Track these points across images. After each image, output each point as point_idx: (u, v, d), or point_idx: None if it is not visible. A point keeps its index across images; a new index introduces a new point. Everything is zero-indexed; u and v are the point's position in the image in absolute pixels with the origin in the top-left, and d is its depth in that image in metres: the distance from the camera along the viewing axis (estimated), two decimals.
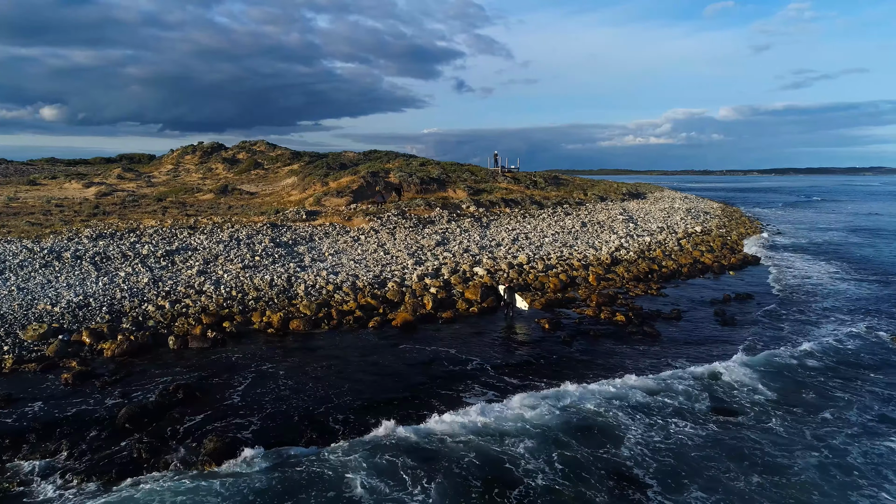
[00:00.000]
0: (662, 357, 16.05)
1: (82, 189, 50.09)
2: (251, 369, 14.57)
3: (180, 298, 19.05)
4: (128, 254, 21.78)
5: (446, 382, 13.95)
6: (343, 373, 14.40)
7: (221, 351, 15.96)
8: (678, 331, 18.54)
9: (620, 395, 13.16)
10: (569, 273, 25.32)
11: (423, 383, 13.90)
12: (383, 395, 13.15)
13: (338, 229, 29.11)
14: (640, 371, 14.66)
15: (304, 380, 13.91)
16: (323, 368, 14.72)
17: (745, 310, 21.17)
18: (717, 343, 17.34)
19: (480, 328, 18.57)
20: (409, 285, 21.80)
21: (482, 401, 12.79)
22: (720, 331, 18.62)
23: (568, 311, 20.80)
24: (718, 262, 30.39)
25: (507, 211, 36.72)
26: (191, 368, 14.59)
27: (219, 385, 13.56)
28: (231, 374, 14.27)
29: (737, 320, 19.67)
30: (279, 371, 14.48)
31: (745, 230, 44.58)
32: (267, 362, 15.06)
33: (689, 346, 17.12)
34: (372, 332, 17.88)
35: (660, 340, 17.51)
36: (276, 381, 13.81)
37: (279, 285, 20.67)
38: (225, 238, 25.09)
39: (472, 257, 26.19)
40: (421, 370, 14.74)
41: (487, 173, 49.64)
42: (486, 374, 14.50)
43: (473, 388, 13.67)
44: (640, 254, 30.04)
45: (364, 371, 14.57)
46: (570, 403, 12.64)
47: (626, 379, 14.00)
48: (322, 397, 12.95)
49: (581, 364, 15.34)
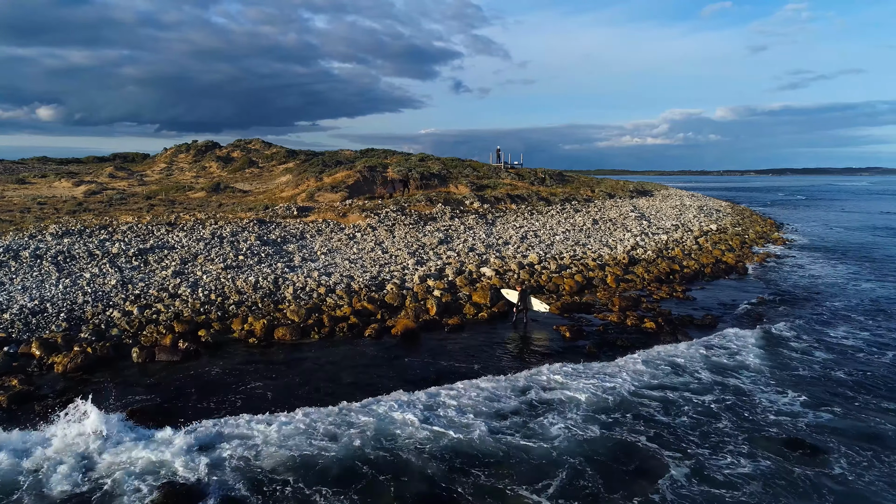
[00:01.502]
0: None
1: (72, 188, 48.07)
2: (225, 389, 12.29)
3: (151, 303, 16.77)
4: (95, 252, 19.48)
5: (461, 417, 11.68)
6: (334, 394, 12.12)
7: (193, 365, 13.69)
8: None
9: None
10: (584, 274, 23.11)
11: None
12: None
13: (332, 226, 26.84)
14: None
15: (285, 403, 11.63)
16: (309, 389, 12.44)
17: (783, 314, 18.97)
18: (768, 355, 15.11)
19: (493, 337, 16.33)
20: (410, 287, 19.57)
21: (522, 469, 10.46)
22: (769, 338, 16.40)
23: (588, 316, 18.59)
24: (742, 262, 28.28)
25: (513, 207, 34.47)
26: (153, 388, 12.30)
27: (181, 410, 11.27)
28: (200, 394, 11.99)
29: (778, 328, 17.46)
30: (257, 391, 12.21)
31: (760, 228, 42.47)
32: (245, 379, 12.78)
33: None
34: (369, 341, 15.63)
35: None
36: (252, 406, 11.53)
37: (265, 288, 18.41)
38: (206, 235, 22.79)
39: (479, 257, 23.95)
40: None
41: (490, 169, 47.38)
42: (507, 404, 12.23)
43: (502, 434, 11.38)
44: (659, 253, 27.86)
45: (359, 392, 12.30)
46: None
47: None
48: (305, 431, 10.68)
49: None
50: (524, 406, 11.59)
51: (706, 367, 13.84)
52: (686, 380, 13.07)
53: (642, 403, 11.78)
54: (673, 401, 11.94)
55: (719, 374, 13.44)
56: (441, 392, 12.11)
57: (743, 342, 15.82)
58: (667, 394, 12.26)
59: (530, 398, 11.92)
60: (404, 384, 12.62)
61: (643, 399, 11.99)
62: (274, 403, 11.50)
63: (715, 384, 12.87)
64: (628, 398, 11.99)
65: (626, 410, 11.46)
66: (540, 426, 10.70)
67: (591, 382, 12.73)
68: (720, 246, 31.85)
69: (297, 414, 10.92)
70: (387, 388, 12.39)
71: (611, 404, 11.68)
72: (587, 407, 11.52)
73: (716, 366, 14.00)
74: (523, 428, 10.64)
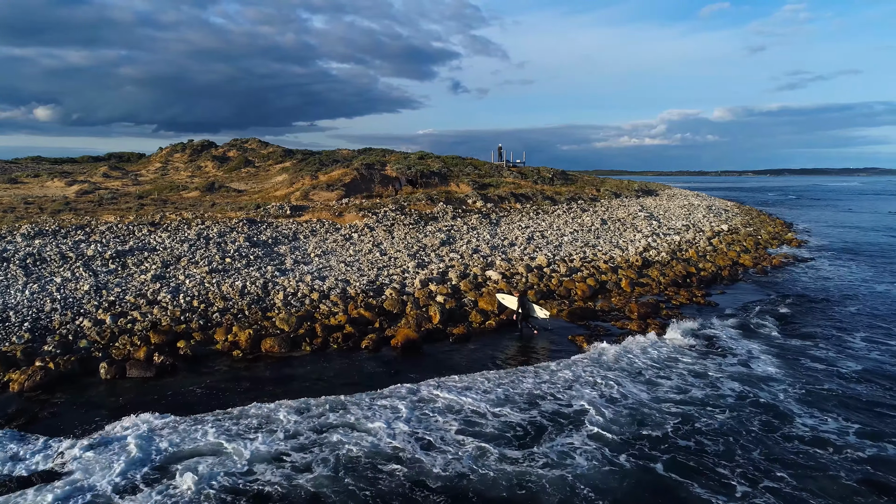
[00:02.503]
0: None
1: (64, 187, 46.71)
2: (200, 412, 10.75)
3: (127, 311, 15.24)
4: (68, 255, 17.92)
5: (476, 451, 10.16)
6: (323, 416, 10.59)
7: (167, 382, 12.16)
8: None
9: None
10: (597, 277, 21.60)
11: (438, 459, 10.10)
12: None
13: (327, 226, 25.30)
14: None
15: (267, 432, 10.10)
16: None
17: (814, 321, 17.49)
18: (815, 372, 13.61)
19: (503, 349, 14.82)
20: (410, 292, 18.05)
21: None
22: (802, 348, 14.91)
23: (605, 324, 17.08)
24: (759, 264, 26.82)
25: (517, 207, 32.97)
26: (118, 411, 10.76)
27: (142, 437, 9.73)
28: (169, 421, 10.45)
29: (812, 337, 15.97)
30: (236, 417, 10.67)
31: (772, 228, 41.04)
32: (223, 401, 11.25)
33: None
34: (366, 354, 14.10)
35: None
36: (228, 433, 9.99)
37: (252, 293, 16.88)
38: (192, 236, 21.22)
39: (484, 259, 22.43)
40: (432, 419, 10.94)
41: (492, 167, 45.86)
42: (526, 430, 10.71)
43: (523, 464, 9.87)
44: (672, 254, 26.38)
45: (351, 415, 10.76)
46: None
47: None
48: (287, 474, 9.15)
49: (654, 409, 11.56)
50: (544, 430, 10.08)
51: (736, 380, 12.35)
52: (722, 397, 11.57)
53: (682, 429, 10.28)
54: (716, 426, 10.44)
55: (754, 389, 11.94)
56: (449, 416, 10.60)
57: (776, 353, 14.33)
58: (711, 414, 10.76)
59: (549, 418, 10.42)
60: (406, 408, 11.10)
61: (680, 422, 10.50)
62: (255, 429, 9.97)
63: (753, 403, 11.37)
64: (660, 420, 10.49)
65: (662, 437, 9.96)
66: (565, 454, 9.19)
67: (616, 401, 11.22)
68: (734, 247, 30.40)
69: (279, 433, 9.39)
70: (385, 412, 10.87)
71: (645, 432, 10.17)
72: (617, 431, 10.02)
73: (748, 379, 12.51)
74: (546, 457, 9.14)
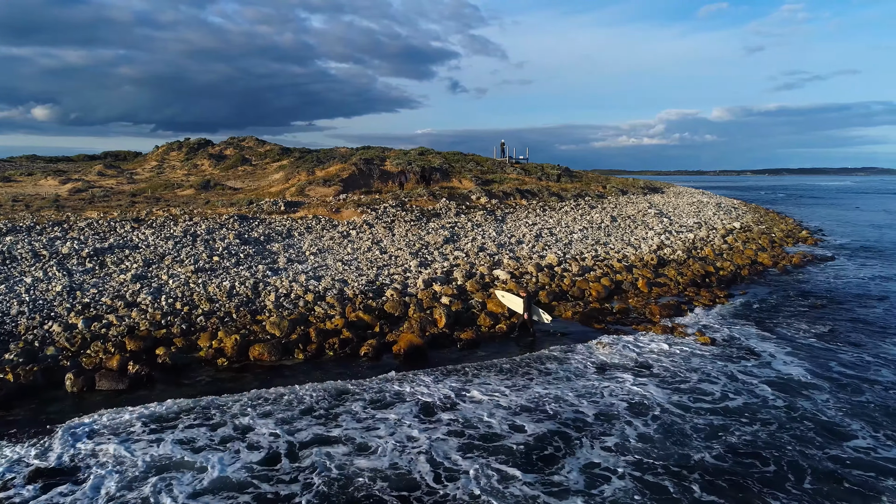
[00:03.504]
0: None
1: (58, 185, 45.58)
2: (173, 435, 9.35)
3: (102, 314, 13.83)
4: (41, 253, 16.49)
5: (493, 473, 8.77)
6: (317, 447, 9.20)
7: (141, 396, 10.76)
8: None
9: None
10: (611, 277, 20.24)
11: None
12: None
13: (323, 223, 23.89)
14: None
15: (251, 463, 8.71)
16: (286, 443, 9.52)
17: (847, 324, 16.13)
18: (855, 380, 12.24)
19: (516, 355, 13.42)
20: (413, 294, 16.67)
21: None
22: (839, 354, 13.54)
23: (625, 327, 15.72)
24: (779, 263, 25.48)
25: (523, 203, 31.59)
26: (81, 434, 9.35)
27: (101, 481, 8.33)
28: (135, 445, 9.06)
29: (851, 342, 14.61)
30: (213, 446, 9.27)
31: (785, 226, 39.72)
32: (204, 420, 9.85)
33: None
34: (365, 362, 12.71)
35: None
36: (203, 470, 8.60)
37: (242, 294, 15.48)
38: (178, 233, 19.79)
39: (490, 257, 21.04)
40: (444, 448, 9.54)
41: (494, 164, 44.48)
42: (557, 448, 9.32)
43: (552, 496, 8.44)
44: (688, 253, 25.03)
45: (350, 447, 9.37)
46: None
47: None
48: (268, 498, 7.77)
49: (688, 421, 10.18)
50: (568, 447, 8.69)
51: (773, 388, 10.98)
52: (761, 409, 10.19)
53: (719, 445, 8.90)
54: (758, 442, 9.06)
55: (794, 398, 10.57)
56: (460, 430, 9.21)
57: (812, 358, 12.97)
58: (751, 428, 9.38)
59: (574, 432, 9.03)
60: (411, 422, 9.71)
61: (717, 436, 9.11)
62: (231, 465, 8.57)
63: (795, 416, 10.00)
64: (694, 433, 9.11)
65: (697, 453, 8.58)
66: (592, 476, 7.81)
67: (645, 411, 9.84)
68: (750, 245, 29.06)
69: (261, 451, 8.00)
70: (388, 427, 9.47)
71: (677, 447, 8.79)
72: (648, 447, 8.64)
73: (785, 387, 11.14)
74: (571, 479, 7.75)
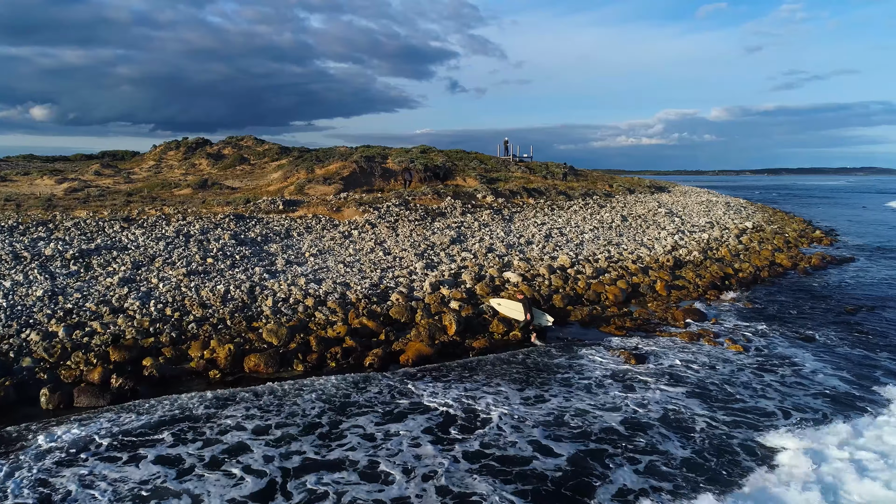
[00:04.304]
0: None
1: (54, 185, 44.78)
2: (154, 451, 8.29)
3: (85, 320, 12.77)
4: (23, 254, 15.43)
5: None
6: (323, 480, 8.16)
7: (123, 415, 9.70)
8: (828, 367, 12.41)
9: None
10: (627, 279, 19.20)
11: None
12: None
13: (323, 222, 22.83)
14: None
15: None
16: (286, 473, 8.47)
17: (889, 332, 15.12)
18: None
19: (533, 365, 12.38)
20: (420, 297, 15.62)
21: None
22: (886, 365, 12.51)
23: (648, 334, 14.70)
24: (798, 264, 24.48)
25: (530, 202, 30.53)
26: (48, 470, 8.29)
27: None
28: (107, 469, 8.00)
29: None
30: (198, 470, 8.22)
31: (797, 226, 38.70)
32: (192, 437, 8.79)
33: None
34: (370, 373, 11.65)
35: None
36: (194, 498, 7.54)
37: (237, 299, 14.42)
38: (170, 233, 18.70)
39: (500, 259, 20.00)
40: (461, 475, 8.49)
41: (498, 162, 43.46)
42: (594, 477, 8.27)
43: None
44: (704, 254, 24.00)
45: (361, 481, 8.32)
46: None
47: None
48: None
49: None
50: (607, 475, 7.65)
51: (830, 402, 9.94)
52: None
53: None
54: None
55: (854, 415, 9.54)
56: (480, 451, 8.17)
57: (851, 368, 11.94)
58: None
59: (611, 457, 7.99)
60: (424, 443, 8.66)
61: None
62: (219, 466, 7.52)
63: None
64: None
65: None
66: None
67: (689, 431, 8.79)
68: (766, 245, 28.05)
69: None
70: (399, 450, 8.43)
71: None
72: (698, 472, 7.59)
73: (842, 403, 10.10)
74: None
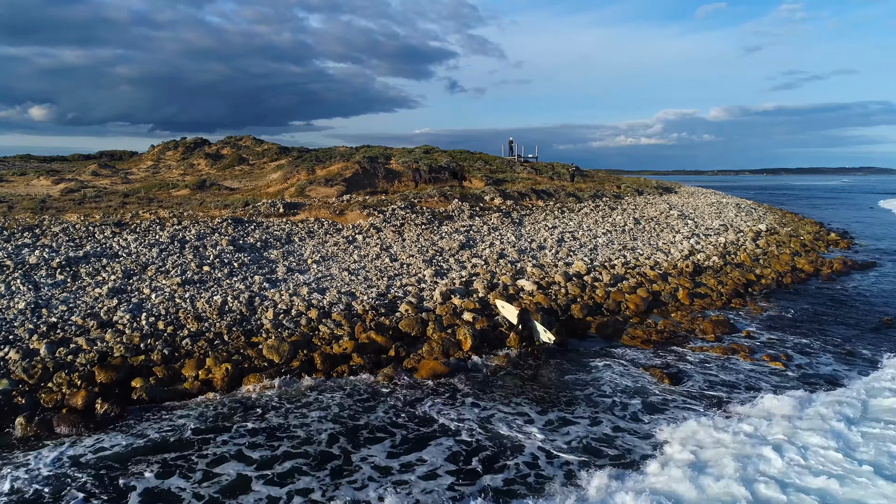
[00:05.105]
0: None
1: (51, 185, 43.90)
2: (141, 483, 7.28)
3: (70, 336, 11.76)
4: (5, 263, 14.40)
5: None
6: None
7: (107, 445, 8.69)
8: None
9: None
10: (647, 287, 18.19)
11: None
12: None
13: (326, 226, 21.81)
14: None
15: None
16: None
17: None
18: None
19: (556, 383, 11.38)
20: (430, 308, 14.61)
21: None
22: None
23: (677, 348, 13.67)
24: (821, 269, 23.48)
25: (539, 204, 29.52)
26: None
27: None
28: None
29: None
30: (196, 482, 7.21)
31: (811, 228, 37.69)
32: (180, 479, 7.78)
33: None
34: (380, 393, 10.64)
35: None
36: None
37: (235, 311, 13.40)
38: (164, 239, 17.69)
39: (512, 265, 18.99)
40: None
41: (503, 162, 42.46)
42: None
43: None
44: (723, 259, 22.99)
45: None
46: None
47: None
48: None
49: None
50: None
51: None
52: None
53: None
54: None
55: None
56: (510, 478, 7.16)
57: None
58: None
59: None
60: (442, 472, 7.65)
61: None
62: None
63: None
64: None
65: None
66: None
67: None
68: (783, 249, 27.02)
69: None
70: (418, 488, 7.42)
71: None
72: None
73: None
74: None
